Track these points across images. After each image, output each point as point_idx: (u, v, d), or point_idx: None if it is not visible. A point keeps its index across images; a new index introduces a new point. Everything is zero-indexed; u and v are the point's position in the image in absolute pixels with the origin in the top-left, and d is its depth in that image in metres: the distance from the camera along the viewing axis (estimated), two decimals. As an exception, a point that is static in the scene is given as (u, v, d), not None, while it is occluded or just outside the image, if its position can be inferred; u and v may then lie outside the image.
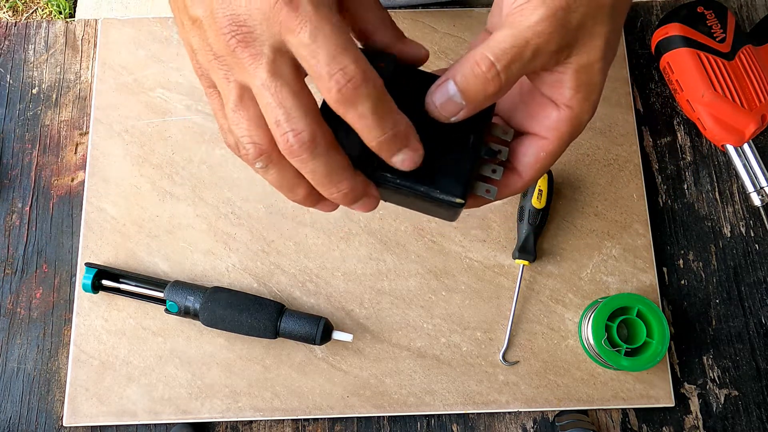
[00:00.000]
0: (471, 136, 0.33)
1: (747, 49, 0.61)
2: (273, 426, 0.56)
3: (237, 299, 0.54)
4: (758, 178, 0.60)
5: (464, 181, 0.33)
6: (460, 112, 0.31)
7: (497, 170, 0.34)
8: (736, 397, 0.57)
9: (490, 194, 0.34)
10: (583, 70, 0.32)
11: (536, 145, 0.34)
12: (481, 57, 0.30)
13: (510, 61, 0.30)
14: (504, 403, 0.56)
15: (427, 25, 0.64)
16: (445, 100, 0.31)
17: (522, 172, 0.35)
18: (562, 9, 0.30)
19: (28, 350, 0.57)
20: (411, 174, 0.32)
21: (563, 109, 0.33)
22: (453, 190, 0.32)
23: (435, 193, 0.32)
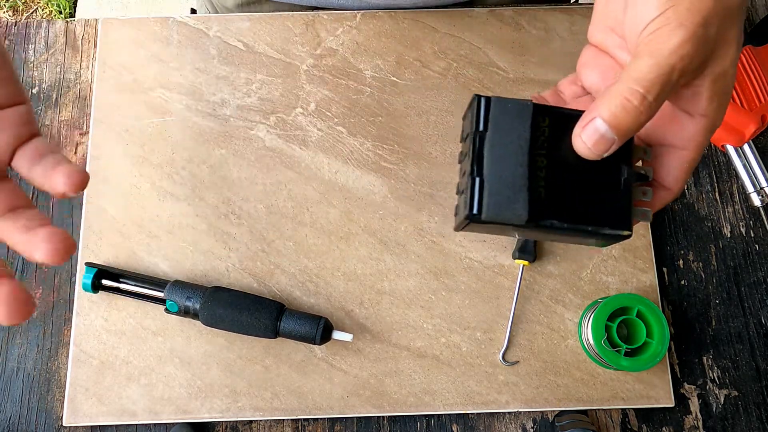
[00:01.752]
0: (620, 165, 0.33)
1: (747, 50, 0.61)
2: (273, 426, 0.56)
3: (237, 299, 0.54)
4: (758, 179, 0.60)
5: (627, 213, 0.33)
6: (611, 147, 0.31)
7: (647, 192, 0.34)
8: (735, 398, 0.57)
9: (646, 217, 0.34)
10: (719, 78, 0.31)
11: (678, 158, 0.34)
12: (630, 92, 0.30)
13: (660, 91, 0.30)
14: (504, 403, 0.56)
15: (427, 25, 0.64)
16: (597, 138, 0.31)
17: (670, 186, 0.35)
18: (701, 26, 0.29)
19: (28, 350, 0.57)
20: (575, 215, 0.32)
21: (699, 118, 0.33)
22: (620, 225, 0.33)
23: (604, 230, 0.33)
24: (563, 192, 0.33)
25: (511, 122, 0.32)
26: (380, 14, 0.65)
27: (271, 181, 0.60)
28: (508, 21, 0.65)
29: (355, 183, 0.60)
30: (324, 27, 0.64)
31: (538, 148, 0.33)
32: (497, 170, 0.32)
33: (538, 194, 0.32)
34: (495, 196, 0.32)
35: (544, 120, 0.33)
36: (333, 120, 0.62)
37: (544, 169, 0.33)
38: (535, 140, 0.33)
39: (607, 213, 0.33)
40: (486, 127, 0.33)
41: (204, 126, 0.62)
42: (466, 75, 0.63)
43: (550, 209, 0.32)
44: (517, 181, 0.32)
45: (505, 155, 0.32)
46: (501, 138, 0.32)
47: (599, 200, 0.33)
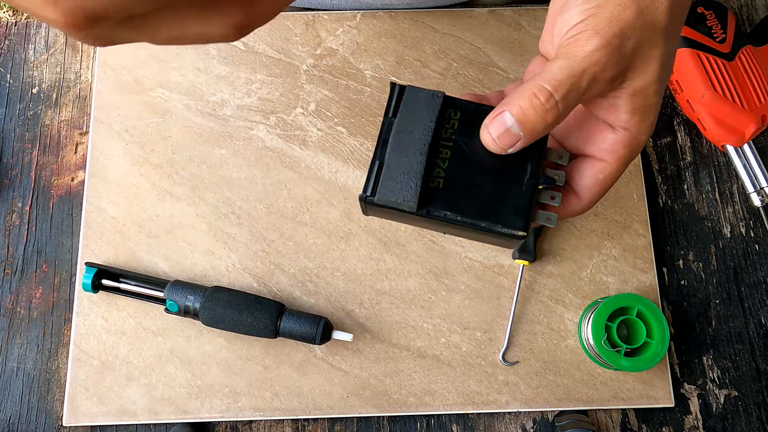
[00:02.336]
0: (527, 165, 0.33)
1: (747, 50, 0.61)
2: (273, 426, 0.56)
3: (237, 299, 0.54)
4: (758, 179, 0.60)
5: (525, 213, 0.32)
6: (517, 143, 0.31)
7: (556, 197, 0.34)
8: (735, 398, 0.57)
9: (551, 222, 0.34)
10: (639, 93, 0.31)
11: (595, 168, 0.34)
12: (538, 88, 0.30)
13: (567, 92, 0.30)
14: (504, 403, 0.56)
15: (427, 25, 0.64)
16: (502, 131, 0.31)
17: (582, 195, 0.35)
18: (617, 37, 0.30)
19: (27, 350, 0.57)
20: (471, 209, 0.32)
21: (620, 131, 0.33)
22: (515, 224, 0.32)
23: (497, 228, 0.32)
24: (462, 186, 0.33)
25: (419, 111, 0.33)
26: (380, 14, 0.65)
27: (271, 181, 0.60)
28: (508, 21, 0.65)
29: (355, 183, 0.60)
30: (324, 27, 0.64)
31: (443, 139, 0.33)
32: (397, 156, 0.32)
33: (436, 184, 0.33)
34: (389, 181, 0.32)
35: (456, 113, 0.33)
36: (333, 120, 0.62)
37: (447, 161, 0.33)
38: (443, 131, 0.33)
39: (504, 211, 0.33)
40: (395, 113, 0.33)
41: (204, 126, 0.62)
42: (466, 75, 0.63)
43: (443, 200, 0.32)
44: (413, 168, 0.32)
45: (407, 143, 0.32)
46: (406, 126, 0.32)
47: (499, 198, 0.33)
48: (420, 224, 0.35)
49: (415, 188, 0.32)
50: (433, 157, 0.33)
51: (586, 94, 0.30)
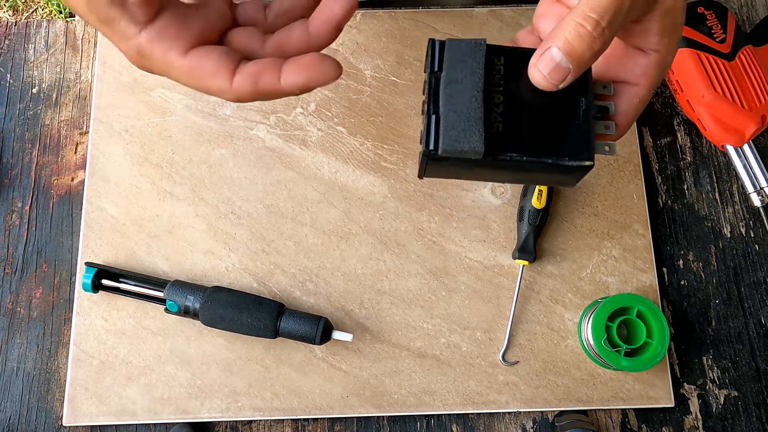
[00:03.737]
0: (580, 98, 0.33)
1: (747, 50, 0.61)
2: (273, 426, 0.56)
3: (237, 299, 0.54)
4: (758, 179, 0.60)
5: (588, 143, 0.33)
6: (567, 76, 0.31)
7: (610, 126, 0.34)
8: (735, 398, 0.57)
9: (610, 151, 0.34)
10: (668, 14, 0.32)
11: (629, 93, 0.34)
12: (584, 17, 0.30)
13: (613, 16, 0.30)
14: (504, 403, 0.56)
15: (427, 25, 0.64)
16: (552, 67, 0.31)
17: (618, 121, 0.35)
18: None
19: (27, 350, 0.57)
20: (535, 147, 0.32)
21: (651, 54, 0.33)
22: (581, 155, 0.33)
23: (564, 162, 0.33)
24: (521, 127, 0.33)
25: (465, 61, 0.32)
26: (380, 14, 0.65)
27: (271, 181, 0.60)
28: (508, 21, 0.65)
29: (355, 183, 0.60)
30: (324, 27, 0.64)
31: (493, 85, 0.33)
32: (452, 107, 0.32)
33: (496, 129, 0.32)
34: (451, 131, 0.32)
35: (499, 59, 0.33)
36: (333, 120, 0.62)
37: (501, 105, 0.33)
38: (491, 78, 0.33)
39: (567, 145, 0.33)
40: (440, 67, 0.33)
41: (204, 126, 0.62)
42: (466, 75, 0.63)
43: (507, 142, 0.32)
44: (473, 115, 0.32)
45: (460, 92, 0.32)
46: (455, 76, 0.32)
47: (559, 133, 0.33)
48: (482, 176, 0.35)
49: (479, 133, 0.31)
50: (488, 102, 0.32)
51: (628, 16, 0.30)
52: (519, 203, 0.59)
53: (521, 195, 0.59)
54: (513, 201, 0.60)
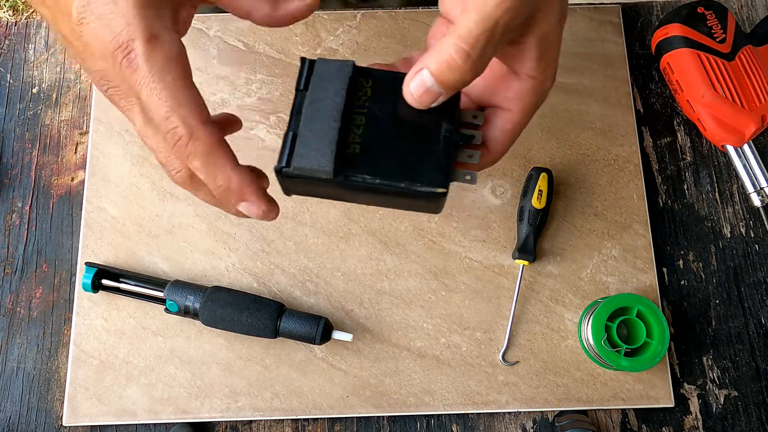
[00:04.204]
0: (443, 124, 0.33)
1: (747, 50, 0.61)
2: (273, 426, 0.56)
3: (237, 299, 0.54)
4: (758, 179, 0.60)
5: (445, 170, 0.33)
6: (439, 98, 0.32)
7: (474, 155, 0.34)
8: (735, 398, 0.57)
9: (471, 180, 0.34)
10: (544, 38, 0.32)
11: (501, 118, 0.34)
12: (455, 48, 0.30)
13: (484, 46, 0.30)
14: (504, 403, 0.56)
15: (427, 25, 0.64)
16: (423, 90, 0.31)
17: (491, 148, 0.35)
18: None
19: (27, 349, 0.57)
20: (389, 171, 0.32)
21: (525, 79, 0.33)
22: (434, 181, 0.33)
23: (417, 187, 0.32)
24: (379, 150, 0.33)
25: (331, 81, 0.33)
26: (380, 14, 0.65)
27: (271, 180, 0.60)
28: (508, 21, 0.65)
29: (355, 183, 0.60)
30: (324, 27, 0.64)
31: (358, 107, 0.33)
32: (310, 126, 0.32)
33: (352, 150, 0.33)
34: (303, 150, 0.32)
35: (368, 81, 0.33)
36: (333, 120, 0.62)
37: (362, 127, 0.33)
38: (356, 99, 0.33)
39: (423, 170, 0.32)
40: (306, 86, 0.33)
41: (204, 126, 0.61)
42: (466, 75, 0.63)
43: (360, 164, 0.32)
44: (327, 135, 0.32)
45: (320, 112, 0.32)
46: (318, 96, 0.32)
47: (417, 158, 0.33)
48: (340, 196, 0.35)
49: (330, 153, 0.32)
50: (348, 124, 0.33)
51: (500, 43, 0.31)
52: (519, 203, 0.59)
53: (521, 195, 0.59)
54: (513, 201, 0.60)
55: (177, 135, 0.31)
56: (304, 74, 0.33)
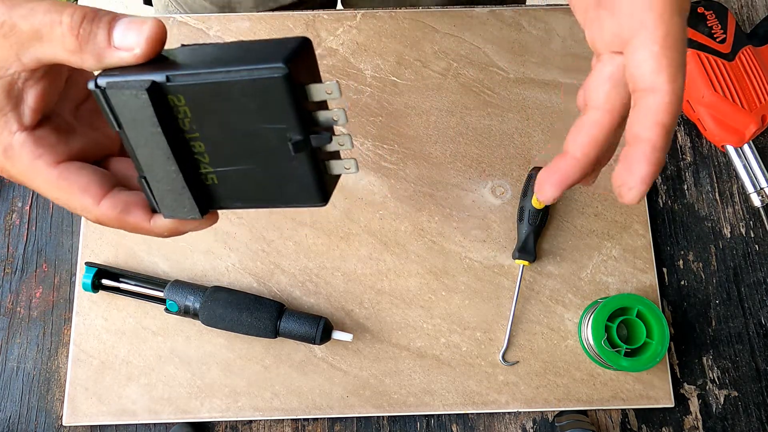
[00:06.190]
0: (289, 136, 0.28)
1: (747, 50, 0.61)
2: (272, 425, 0.56)
3: (237, 299, 0.54)
4: (758, 179, 0.60)
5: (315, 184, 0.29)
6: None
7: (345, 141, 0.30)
8: (735, 398, 0.57)
9: (351, 169, 0.30)
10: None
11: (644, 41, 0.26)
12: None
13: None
14: (504, 404, 0.56)
15: (427, 25, 0.64)
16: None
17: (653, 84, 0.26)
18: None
19: (27, 349, 0.57)
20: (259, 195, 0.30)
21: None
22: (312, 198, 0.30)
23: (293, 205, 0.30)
24: (234, 173, 0.29)
25: (137, 116, 0.28)
26: (380, 14, 0.65)
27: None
28: (508, 21, 0.65)
29: (355, 183, 0.60)
30: (324, 27, 0.64)
31: (187, 132, 0.28)
32: (153, 175, 0.29)
33: (210, 182, 0.29)
34: (164, 200, 0.30)
35: (179, 99, 0.27)
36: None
37: (205, 154, 0.29)
38: (179, 126, 0.28)
39: (294, 188, 0.29)
40: (119, 124, 0.28)
41: (204, 126, 0.61)
42: (466, 75, 0.63)
43: (226, 195, 0.30)
44: (175, 183, 0.29)
45: (151, 157, 0.28)
46: (137, 139, 0.28)
47: (279, 178, 0.29)
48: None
49: (188, 200, 0.29)
50: (189, 156, 0.29)
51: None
52: (519, 203, 0.59)
53: (521, 195, 0.59)
54: (513, 201, 0.60)
55: (89, 218, 0.31)
56: (106, 110, 0.28)
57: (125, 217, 0.31)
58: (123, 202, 0.31)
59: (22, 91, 0.29)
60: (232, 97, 0.27)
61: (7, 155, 0.30)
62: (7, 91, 0.29)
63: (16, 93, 0.29)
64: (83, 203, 0.30)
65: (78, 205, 0.30)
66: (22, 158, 0.30)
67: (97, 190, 0.30)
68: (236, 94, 0.27)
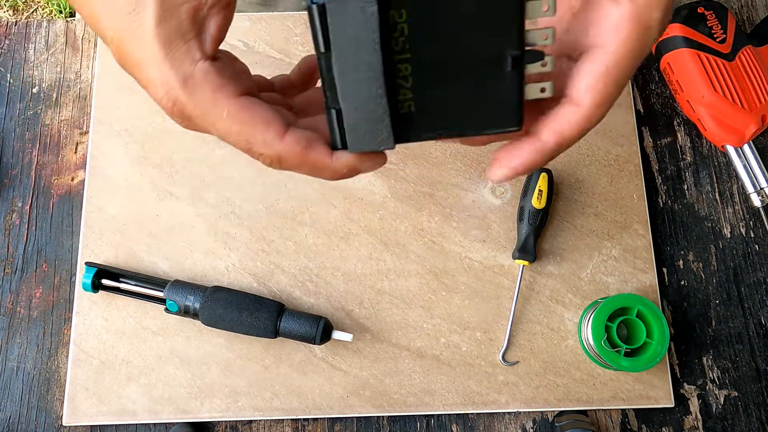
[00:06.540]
0: (507, 53, 0.27)
1: (747, 50, 0.61)
2: (272, 425, 0.56)
3: (237, 299, 0.54)
4: (758, 179, 0.60)
5: (516, 104, 0.28)
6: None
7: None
8: (735, 398, 0.57)
9: (546, 92, 0.28)
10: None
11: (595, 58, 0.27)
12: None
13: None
14: (504, 404, 0.56)
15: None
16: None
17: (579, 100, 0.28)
18: None
19: (27, 349, 0.57)
20: (452, 123, 0.28)
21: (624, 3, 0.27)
22: (505, 121, 0.28)
23: (487, 132, 0.29)
24: (435, 100, 0.28)
25: (356, 34, 0.26)
26: (380, 14, 0.65)
27: (271, 181, 0.60)
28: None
29: (355, 183, 0.60)
30: (324, 27, 0.64)
31: (398, 53, 0.27)
32: (353, 102, 0.27)
33: (407, 110, 0.28)
34: (355, 130, 0.28)
35: (400, 15, 0.26)
36: (333, 120, 0.62)
37: (410, 78, 0.27)
38: (393, 44, 0.26)
39: (490, 110, 0.28)
40: (328, 46, 0.27)
41: (204, 126, 0.61)
42: (467, 75, 0.63)
43: (420, 124, 0.28)
44: (377, 110, 0.27)
45: (356, 78, 0.27)
46: (347, 61, 0.26)
47: (481, 97, 0.28)
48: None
49: (386, 129, 0.28)
50: (394, 79, 0.27)
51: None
52: (519, 203, 0.59)
53: (521, 195, 0.59)
54: (513, 201, 0.60)
55: (266, 160, 0.29)
56: (318, 29, 0.26)
57: (308, 153, 0.28)
58: (306, 138, 0.28)
59: (206, 18, 0.27)
60: (459, 6, 0.26)
61: (187, 85, 0.27)
62: (192, 15, 0.27)
63: (200, 19, 0.27)
64: (266, 137, 0.28)
65: (260, 139, 0.28)
66: (204, 89, 0.27)
67: (279, 124, 0.28)
68: (464, 4, 0.26)
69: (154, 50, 0.27)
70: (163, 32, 0.26)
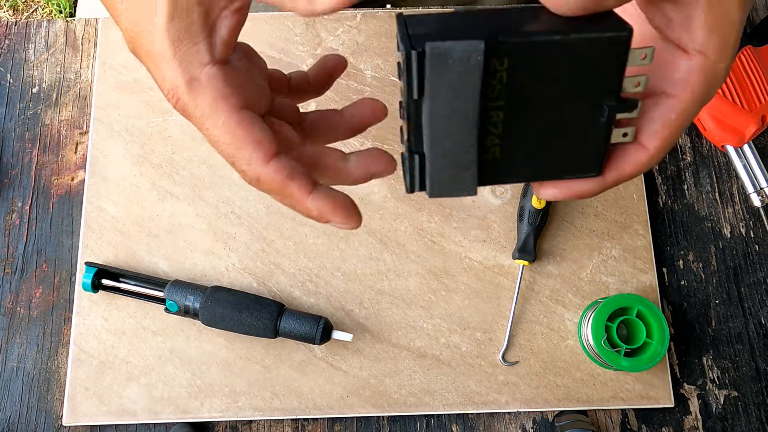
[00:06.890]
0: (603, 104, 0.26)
1: (747, 50, 0.61)
2: (272, 425, 0.56)
3: (237, 299, 0.54)
4: (758, 179, 0.60)
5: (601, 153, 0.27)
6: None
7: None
8: (735, 398, 0.57)
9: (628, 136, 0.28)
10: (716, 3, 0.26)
11: (663, 106, 0.28)
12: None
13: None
14: (503, 404, 0.56)
15: (427, 25, 0.64)
16: None
17: (645, 142, 0.28)
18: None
19: (27, 349, 0.57)
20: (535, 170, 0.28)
21: (694, 56, 0.27)
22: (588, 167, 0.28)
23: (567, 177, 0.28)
24: (522, 147, 0.27)
25: (456, 82, 0.24)
26: (380, 14, 0.65)
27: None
28: (508, 21, 0.65)
29: (355, 183, 0.60)
30: (324, 27, 0.64)
31: (492, 100, 0.26)
32: (440, 149, 0.26)
33: (491, 156, 0.27)
34: (439, 176, 0.27)
35: (502, 63, 0.25)
36: (333, 120, 0.62)
37: (500, 125, 0.26)
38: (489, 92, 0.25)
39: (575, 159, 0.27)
40: (422, 91, 0.25)
41: (204, 126, 0.61)
42: (467, 75, 0.63)
43: (503, 169, 0.28)
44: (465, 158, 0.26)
45: (448, 129, 0.25)
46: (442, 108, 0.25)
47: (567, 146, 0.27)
48: None
49: (471, 178, 0.27)
50: (484, 126, 0.26)
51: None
52: (519, 203, 0.59)
53: (521, 195, 0.59)
54: (513, 201, 0.60)
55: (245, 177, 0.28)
56: (414, 76, 0.24)
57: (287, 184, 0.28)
58: (290, 167, 0.28)
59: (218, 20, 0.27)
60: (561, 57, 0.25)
61: (191, 87, 0.27)
62: (203, 16, 0.26)
63: (212, 21, 0.27)
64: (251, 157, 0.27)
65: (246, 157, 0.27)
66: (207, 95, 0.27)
67: (268, 148, 0.28)
68: (569, 54, 0.25)
69: (164, 46, 0.27)
70: (174, 31, 0.26)
